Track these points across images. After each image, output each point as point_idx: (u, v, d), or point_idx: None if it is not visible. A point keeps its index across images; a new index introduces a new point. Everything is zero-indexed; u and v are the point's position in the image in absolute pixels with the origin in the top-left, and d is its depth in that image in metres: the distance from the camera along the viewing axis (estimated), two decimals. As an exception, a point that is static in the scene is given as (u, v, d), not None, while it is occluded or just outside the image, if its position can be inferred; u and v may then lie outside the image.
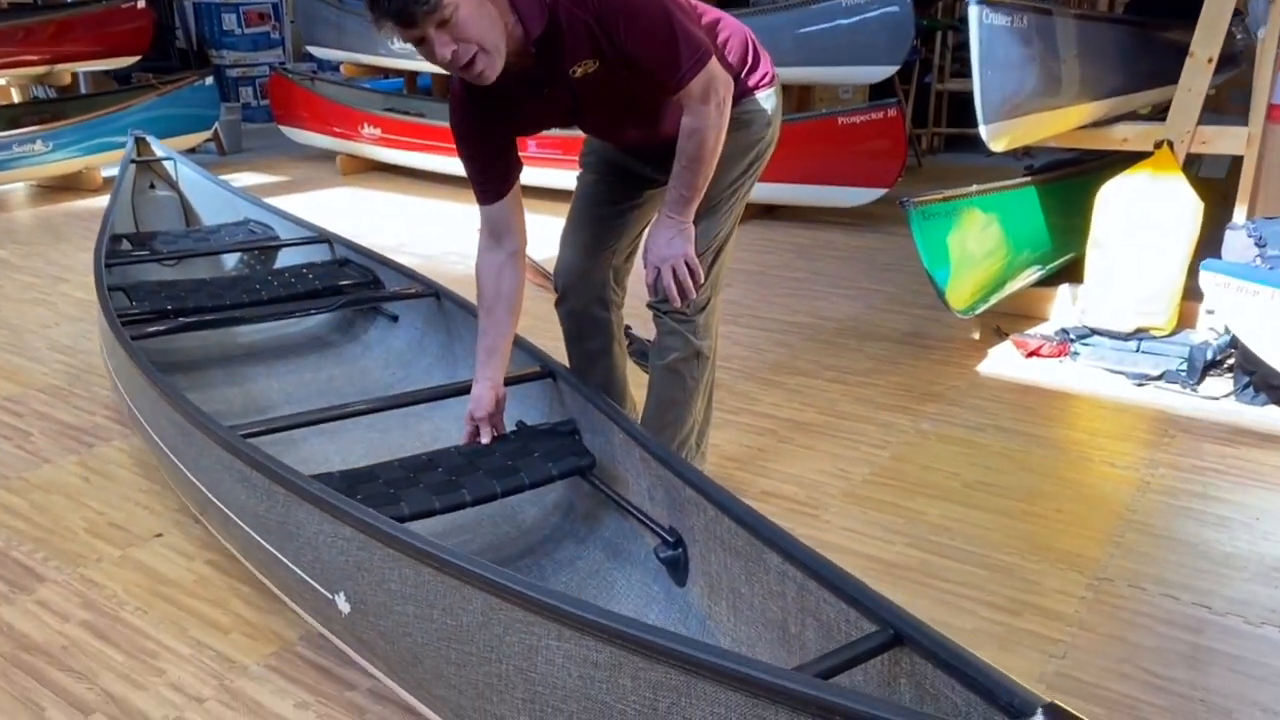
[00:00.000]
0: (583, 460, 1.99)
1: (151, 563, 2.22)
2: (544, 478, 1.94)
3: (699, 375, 2.21)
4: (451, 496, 1.84)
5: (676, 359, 2.16)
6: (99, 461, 2.70)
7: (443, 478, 1.91)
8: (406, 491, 1.84)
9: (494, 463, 1.96)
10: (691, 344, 2.16)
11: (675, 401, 2.20)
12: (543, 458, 1.98)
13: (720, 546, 1.66)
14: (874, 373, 3.31)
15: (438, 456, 2.00)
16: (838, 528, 2.35)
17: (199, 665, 1.88)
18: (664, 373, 2.18)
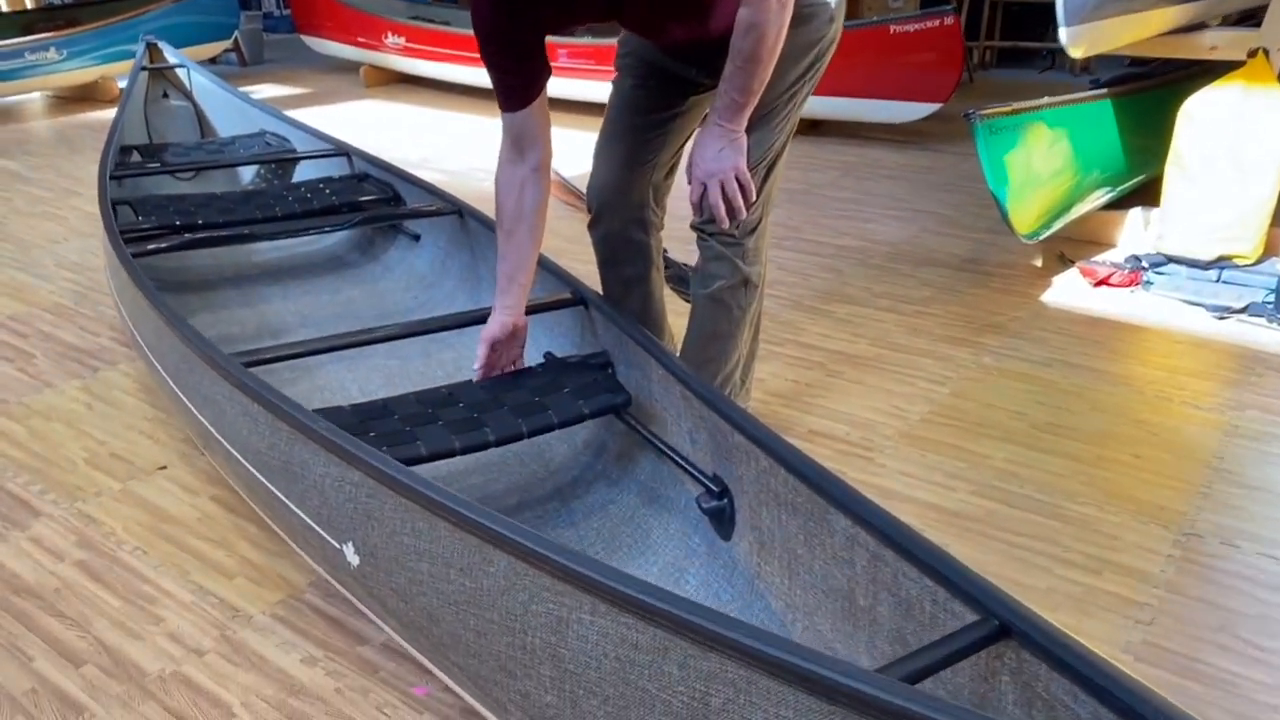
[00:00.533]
0: (617, 398, 1.80)
1: (154, 498, 2.07)
2: (575, 416, 1.74)
3: (746, 305, 2.00)
4: (473, 436, 1.66)
5: (722, 287, 1.94)
6: (103, 386, 2.55)
7: (463, 414, 1.72)
8: (423, 429, 1.66)
9: (520, 398, 1.78)
10: (739, 270, 1.94)
11: (719, 334, 1.99)
12: (574, 394, 1.79)
13: (774, 501, 1.47)
14: (930, 301, 3.08)
15: (458, 390, 1.82)
16: (894, 472, 2.15)
17: (200, 613, 1.73)
18: (708, 302, 1.97)
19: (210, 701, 1.54)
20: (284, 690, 1.56)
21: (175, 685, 1.57)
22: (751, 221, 1.90)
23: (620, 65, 2.05)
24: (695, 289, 2.00)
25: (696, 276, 2.00)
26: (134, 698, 1.55)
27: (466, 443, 1.64)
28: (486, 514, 1.23)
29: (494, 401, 1.77)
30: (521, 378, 1.87)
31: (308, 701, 1.54)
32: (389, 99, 6.38)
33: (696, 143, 1.79)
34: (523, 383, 1.84)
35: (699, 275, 1.98)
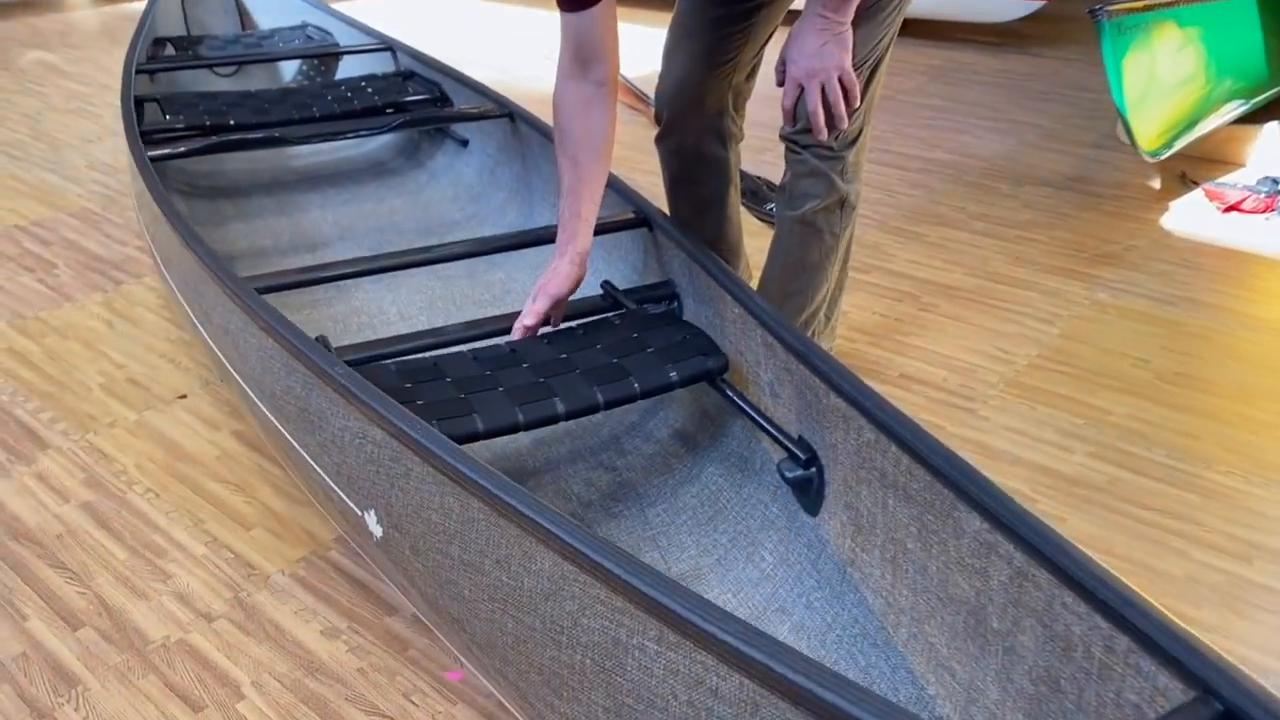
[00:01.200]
0: (712, 362, 1.50)
1: (171, 431, 1.88)
2: (661, 384, 1.46)
3: (841, 230, 1.71)
4: (539, 407, 1.39)
5: (815, 209, 1.66)
6: (125, 302, 2.35)
7: (528, 378, 1.46)
8: (480, 397, 1.40)
9: (595, 360, 1.50)
10: (836, 189, 1.65)
11: (808, 264, 1.72)
12: (660, 355, 1.51)
13: (879, 481, 1.21)
14: (1034, 225, 2.74)
15: (523, 348, 1.55)
16: (999, 427, 1.88)
17: (212, 570, 1.54)
18: (797, 227, 1.69)
19: (217, 678, 1.36)
20: (300, 668, 1.37)
21: (180, 656, 1.39)
22: (853, 131, 1.61)
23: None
24: (781, 210, 1.72)
25: (782, 196, 1.71)
26: (133, 670, 1.37)
27: (532, 415, 1.37)
28: (526, 499, 1.00)
29: (564, 363, 1.49)
30: (597, 332, 1.59)
31: (326, 683, 1.35)
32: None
33: (792, 36, 1.49)
34: (598, 338, 1.56)
35: (786, 194, 1.70)
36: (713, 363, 1.49)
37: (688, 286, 1.78)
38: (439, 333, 1.69)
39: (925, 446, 1.10)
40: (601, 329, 1.58)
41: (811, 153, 1.62)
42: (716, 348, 1.52)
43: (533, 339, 1.57)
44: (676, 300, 1.83)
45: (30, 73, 4.28)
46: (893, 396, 1.95)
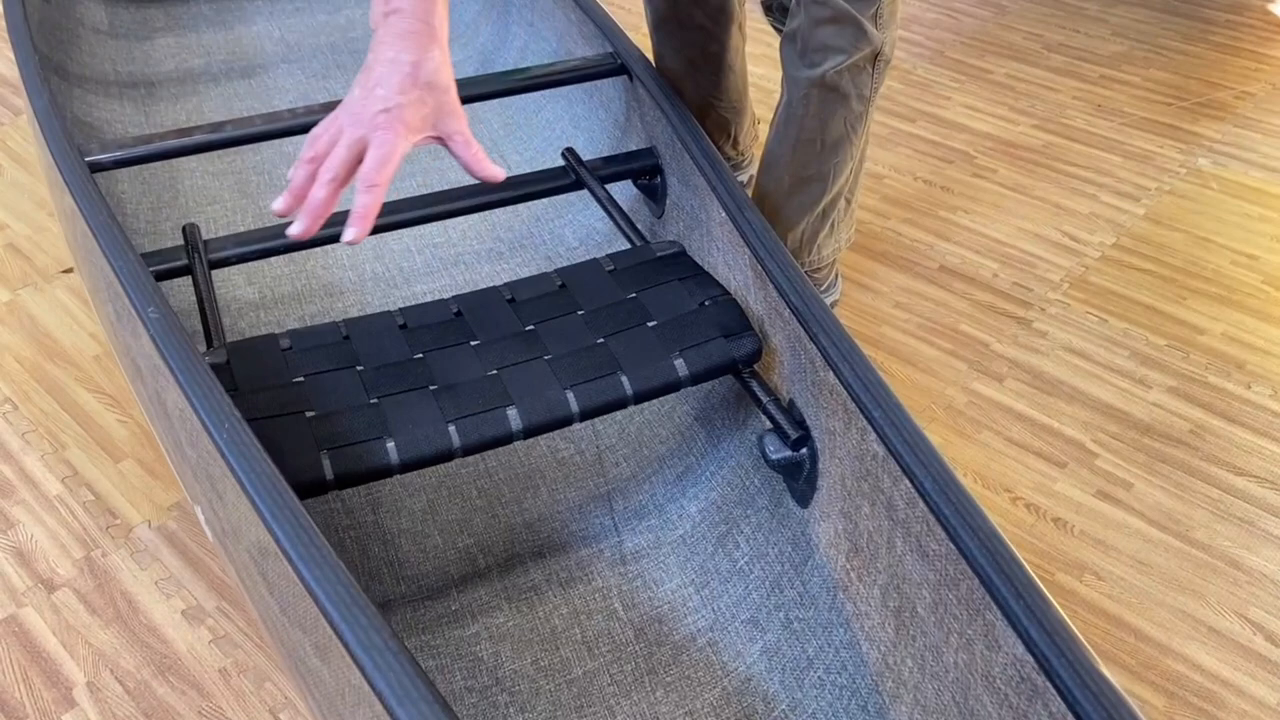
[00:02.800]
0: (738, 349, 1.07)
1: (46, 319, 1.56)
2: (664, 383, 1.04)
3: (872, 92, 1.29)
4: (486, 422, 0.99)
5: (839, 67, 1.23)
6: (20, 139, 1.98)
7: (476, 367, 1.04)
8: (402, 401, 1.00)
9: (575, 336, 1.09)
10: (868, 38, 1.22)
11: (828, 140, 1.30)
12: (665, 335, 1.08)
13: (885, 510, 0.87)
14: (1124, 61, 2.24)
15: (474, 310, 1.13)
16: (1058, 347, 1.50)
17: (64, 518, 1.26)
18: (815, 92, 1.26)
19: (46, 676, 1.09)
20: (150, 664, 1.10)
21: (5, 642, 1.12)
22: None
23: None
24: (793, 68, 1.28)
25: (792, 49, 1.28)
26: (-52, 658, 1.11)
27: (473, 436, 0.98)
28: (352, 614, 0.67)
29: (528, 342, 1.08)
30: (580, 286, 1.15)
31: (178, 688, 1.08)
32: None
33: None
34: (580, 297, 1.14)
35: (799, 48, 1.26)
36: (740, 349, 1.07)
37: (672, 161, 1.39)
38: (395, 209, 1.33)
39: (956, 508, 0.75)
40: (588, 283, 1.16)
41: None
42: (747, 323, 1.09)
43: (490, 295, 1.15)
44: (660, 175, 1.44)
45: None
46: (928, 298, 1.57)
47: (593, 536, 1.21)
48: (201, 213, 1.69)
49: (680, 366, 1.05)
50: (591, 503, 1.25)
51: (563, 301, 1.15)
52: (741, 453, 1.19)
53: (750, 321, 1.10)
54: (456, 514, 1.24)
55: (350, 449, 0.95)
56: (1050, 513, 1.26)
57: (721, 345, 1.07)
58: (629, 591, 1.14)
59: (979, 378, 1.44)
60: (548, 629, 1.11)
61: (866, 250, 1.67)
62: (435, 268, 1.63)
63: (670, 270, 1.18)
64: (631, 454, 1.30)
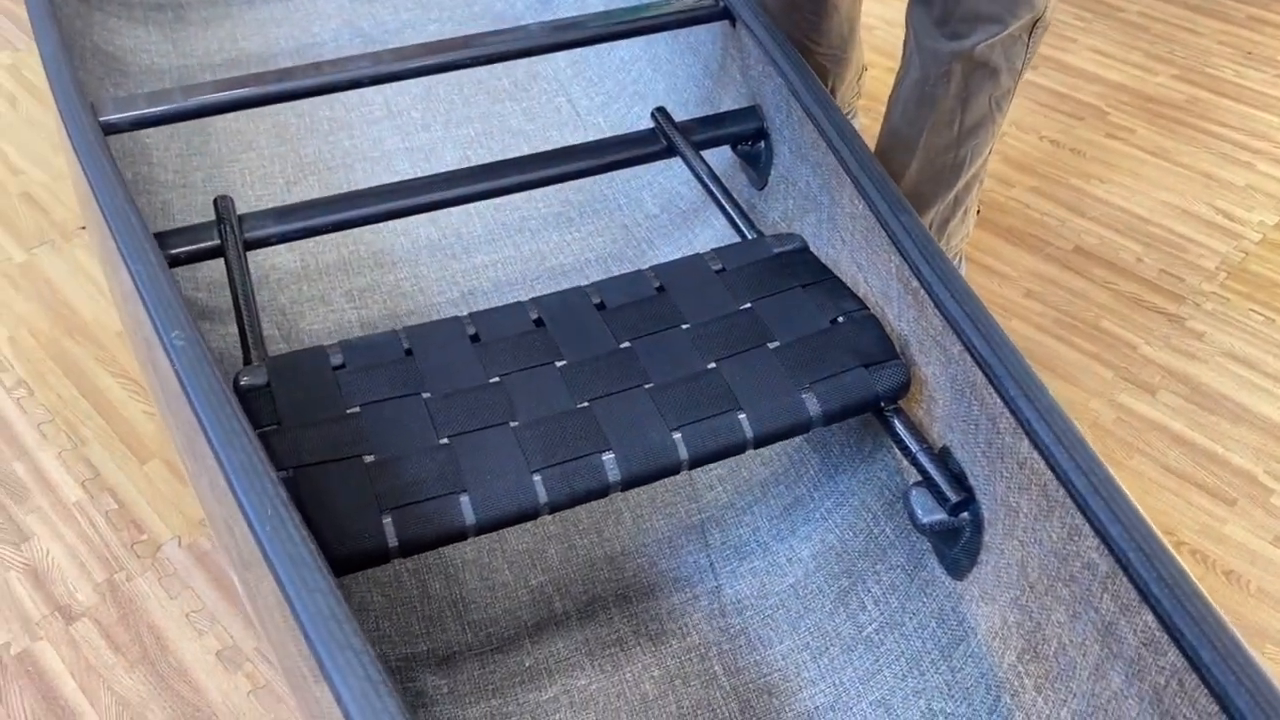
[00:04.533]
0: (882, 383, 0.88)
1: (64, 284, 1.39)
2: (792, 424, 0.85)
3: (1024, 62, 1.06)
4: (578, 472, 0.81)
5: (993, 39, 1.01)
6: (35, 70, 1.79)
7: (563, 399, 0.86)
8: (477, 442, 0.83)
9: (681, 358, 0.89)
10: (1029, 2, 0.99)
11: (969, 121, 1.09)
12: (791, 359, 0.89)
13: (1093, 623, 0.69)
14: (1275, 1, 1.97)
15: (558, 317, 0.94)
16: (1219, 354, 1.29)
17: (85, 531, 1.11)
18: (959, 66, 1.04)
19: (65, 727, 0.95)
20: (180, 718, 0.96)
21: (17, 682, 0.98)
22: None
23: None
24: (928, 39, 1.06)
25: (925, 13, 1.05)
26: (-47, 702, 0.97)
27: (562, 491, 0.80)
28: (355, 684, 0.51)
29: (625, 365, 0.89)
30: (683, 289, 0.96)
31: (213, 750, 0.94)
32: None
33: None
34: (683, 305, 0.94)
35: (937, 12, 1.03)
36: (884, 383, 0.87)
37: (782, 126, 1.18)
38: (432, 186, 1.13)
39: (1229, 669, 0.56)
40: (693, 286, 0.96)
41: None
42: (890, 347, 0.90)
43: (575, 299, 0.96)
44: (765, 140, 1.23)
45: None
46: (1065, 286, 1.36)
47: (685, 578, 1.05)
48: (235, 161, 1.50)
49: (811, 403, 0.87)
50: (683, 534, 1.08)
51: (663, 309, 0.96)
52: (867, 490, 1.01)
53: (894, 344, 0.91)
54: (528, 543, 1.07)
55: (417, 508, 0.78)
56: (1221, 563, 1.08)
57: (862, 377, 0.88)
58: (731, 652, 0.98)
59: (1128, 389, 1.25)
60: (637, 696, 0.95)
61: (991, 225, 1.45)
62: (497, 234, 1.44)
63: (791, 273, 0.99)
64: (728, 474, 1.12)
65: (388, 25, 1.83)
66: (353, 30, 1.83)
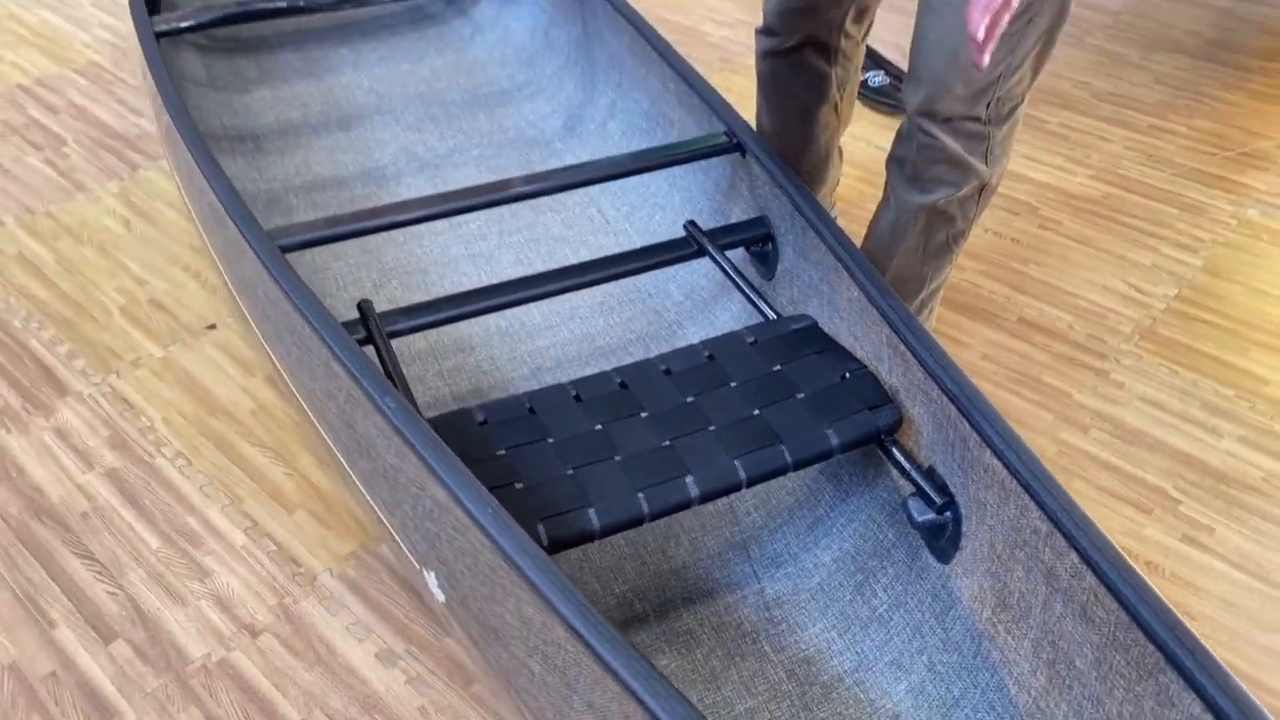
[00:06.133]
0: (882, 419, 1.21)
1: (200, 374, 1.68)
2: (818, 451, 1.18)
3: (978, 212, 1.42)
4: (669, 490, 1.12)
5: (949, 198, 1.36)
6: (143, 194, 2.11)
7: (651, 439, 1.18)
8: (594, 472, 1.14)
9: (732, 408, 1.22)
10: (977, 174, 1.35)
11: (930, 249, 1.43)
12: (814, 406, 1.22)
13: (1043, 576, 1.01)
14: (1169, 110, 2.38)
15: (639, 383, 1.26)
16: (1134, 398, 1.64)
17: (254, 566, 1.39)
18: (923, 214, 1.39)
19: (265, 713, 1.23)
20: (356, 703, 1.24)
21: (222, 681, 1.26)
22: (1012, 96, 1.28)
23: None
24: (901, 190, 1.40)
25: (901, 172, 1.39)
26: (172, 699, 1.24)
27: (659, 504, 1.11)
28: (624, 656, 0.81)
29: (693, 414, 1.21)
30: (728, 359, 1.29)
31: (385, 725, 1.22)
32: None
33: None
34: (730, 370, 1.27)
35: (909, 173, 1.38)
36: (882, 420, 1.21)
37: (786, 232, 1.52)
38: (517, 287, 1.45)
39: (1111, 562, 0.88)
40: (734, 355, 1.30)
41: (950, 134, 1.29)
42: (885, 394, 1.24)
43: (648, 367, 1.28)
44: (771, 243, 1.57)
45: None
46: (1012, 350, 1.71)
47: (735, 583, 1.35)
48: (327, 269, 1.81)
49: (832, 437, 1.19)
50: (730, 550, 1.39)
51: (714, 373, 1.28)
52: (872, 507, 1.32)
53: (887, 393, 1.24)
54: (609, 561, 1.37)
55: (560, 517, 1.09)
56: (1142, 556, 1.40)
57: (867, 417, 1.21)
58: (776, 635, 1.28)
59: (1066, 428, 1.58)
60: (707, 670, 1.25)
61: (951, 303, 1.80)
62: (553, 321, 1.77)
63: (806, 343, 1.32)
64: (760, 504, 1.43)
65: (438, 150, 2.18)
66: (409, 156, 2.17)
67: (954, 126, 1.29)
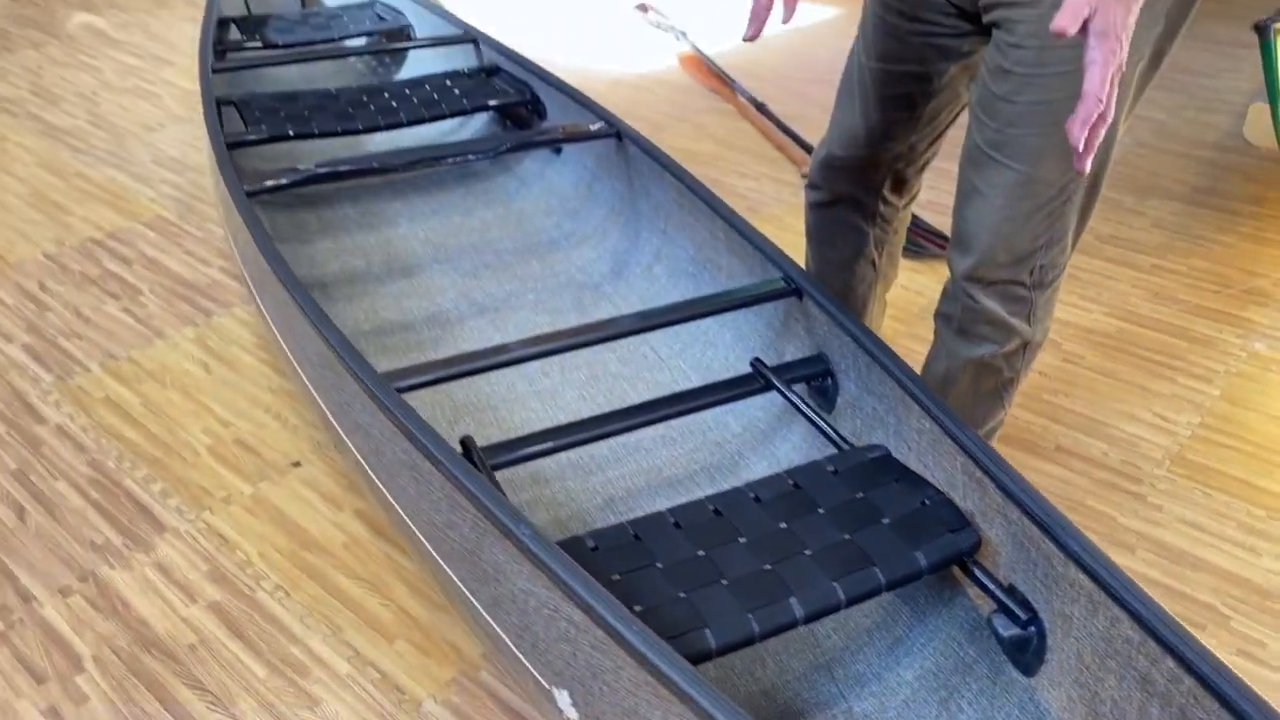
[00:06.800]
0: (963, 540, 1.31)
1: (290, 509, 1.77)
2: (909, 573, 1.27)
3: (1025, 366, 1.55)
4: (776, 612, 1.20)
5: (995, 353, 1.50)
6: (219, 339, 2.23)
7: (752, 563, 1.27)
8: (705, 595, 1.22)
9: (824, 534, 1.32)
10: (1019, 334, 1.49)
11: (981, 396, 1.56)
12: (900, 531, 1.32)
13: (1137, 682, 1.09)
14: (1168, 251, 2.57)
15: (733, 511, 1.36)
16: (1174, 519, 1.75)
17: (359, 695, 1.45)
18: (971, 366, 1.53)
19: (385, 838, 1.27)
20: (471, 826, 1.29)
21: (341, 808, 1.31)
22: (1055, 265, 1.43)
23: None
24: (952, 343, 1.53)
25: (949, 327, 1.53)
26: (294, 825, 1.29)
27: (768, 624, 1.19)
28: None
29: (788, 540, 1.31)
30: (814, 488, 1.39)
31: (502, 847, 1.26)
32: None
33: None
34: (818, 498, 1.38)
35: (956, 328, 1.51)
36: (963, 542, 1.31)
37: (847, 367, 1.65)
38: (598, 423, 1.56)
39: (1224, 680, 0.98)
40: (818, 483, 1.41)
41: (994, 298, 1.43)
42: (962, 518, 1.34)
43: (739, 496, 1.39)
44: (831, 378, 1.70)
45: (79, 40, 4.10)
46: (1054, 476, 1.82)
47: (823, 703, 1.42)
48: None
49: (920, 559, 1.29)
50: (814, 672, 1.46)
51: (802, 500, 1.39)
52: (951, 625, 1.41)
53: (965, 516, 1.35)
54: None
55: (680, 639, 1.17)
56: (1202, 670, 1.48)
57: (950, 539, 1.31)
58: None
59: (1114, 549, 1.69)
60: None
61: (992, 433, 1.93)
62: (621, 455, 1.87)
63: (882, 471, 1.43)
64: (838, 627, 1.51)
65: (495, 295, 2.32)
66: (469, 301, 2.31)
67: (998, 290, 1.43)
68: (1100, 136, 1.10)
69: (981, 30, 1.39)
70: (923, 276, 2.43)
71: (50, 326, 2.26)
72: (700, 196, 2.01)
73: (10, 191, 2.85)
